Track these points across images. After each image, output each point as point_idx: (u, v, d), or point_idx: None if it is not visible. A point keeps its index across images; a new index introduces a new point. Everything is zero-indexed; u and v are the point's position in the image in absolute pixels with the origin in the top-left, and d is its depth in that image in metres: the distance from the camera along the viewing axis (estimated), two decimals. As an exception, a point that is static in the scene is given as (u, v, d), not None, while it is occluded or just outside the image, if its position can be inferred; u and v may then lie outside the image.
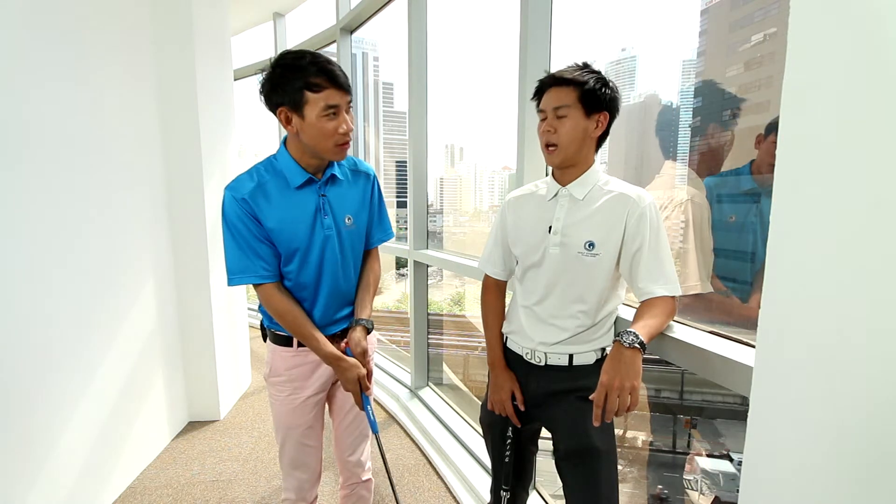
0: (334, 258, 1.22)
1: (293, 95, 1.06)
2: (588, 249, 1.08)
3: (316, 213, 1.18)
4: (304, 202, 1.17)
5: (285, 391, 1.28)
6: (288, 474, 1.35)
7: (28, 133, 1.56)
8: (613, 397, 0.90)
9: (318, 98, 1.05)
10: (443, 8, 2.68)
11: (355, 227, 1.27)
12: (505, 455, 1.22)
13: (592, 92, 1.04)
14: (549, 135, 1.08)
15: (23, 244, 1.54)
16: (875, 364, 0.54)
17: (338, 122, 1.09)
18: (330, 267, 1.22)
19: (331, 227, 1.20)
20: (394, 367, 3.29)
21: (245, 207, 1.12)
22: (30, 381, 1.56)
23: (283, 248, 1.17)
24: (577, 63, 1.09)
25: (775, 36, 1.33)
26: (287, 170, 1.17)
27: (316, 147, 1.11)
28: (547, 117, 1.09)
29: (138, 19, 2.23)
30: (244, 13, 4.23)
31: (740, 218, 1.46)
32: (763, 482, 0.67)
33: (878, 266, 0.53)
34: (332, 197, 1.21)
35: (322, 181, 1.20)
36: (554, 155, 1.10)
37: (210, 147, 2.59)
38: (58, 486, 1.68)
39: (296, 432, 1.30)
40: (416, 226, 2.70)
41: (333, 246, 1.22)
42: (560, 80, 1.07)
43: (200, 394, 2.68)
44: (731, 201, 1.49)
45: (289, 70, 1.05)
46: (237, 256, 1.14)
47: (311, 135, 1.09)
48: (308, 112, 1.06)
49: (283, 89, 1.06)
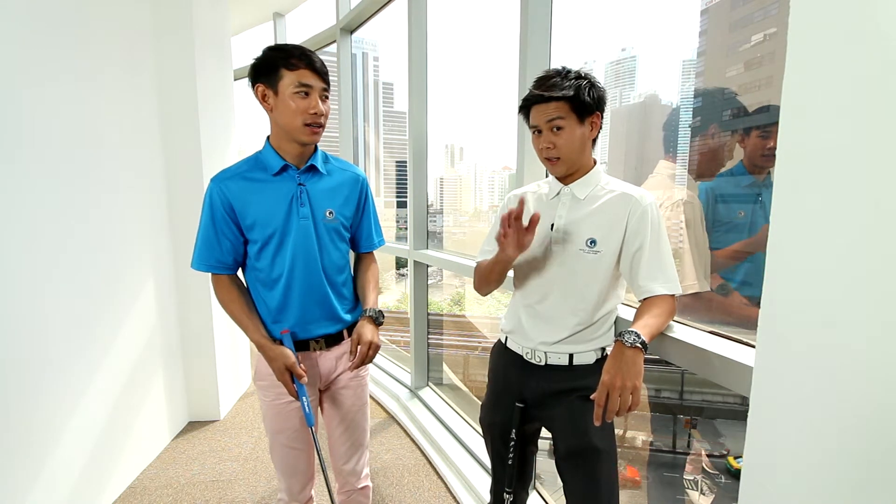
0: (310, 249, 1.22)
1: (271, 72, 1.12)
2: (589, 246, 1.08)
3: (292, 201, 1.20)
4: (280, 189, 1.20)
5: (270, 395, 1.27)
6: (281, 479, 1.34)
7: (28, 133, 1.56)
8: (615, 397, 0.90)
9: (293, 75, 1.11)
10: (443, 8, 2.68)
11: (336, 223, 1.27)
12: (508, 457, 1.22)
13: (581, 99, 1.04)
14: (550, 150, 1.09)
15: (22, 244, 1.54)
16: (875, 364, 0.54)
17: (309, 102, 1.13)
18: (303, 257, 1.22)
19: (307, 217, 1.21)
20: (394, 367, 3.29)
21: (221, 194, 1.17)
22: (30, 381, 1.56)
23: (260, 233, 1.18)
24: (556, 70, 1.08)
25: (775, 36, 1.33)
26: (267, 158, 1.21)
27: (287, 126, 1.15)
28: (542, 132, 1.09)
29: (138, 19, 2.23)
30: (244, 13, 4.23)
31: (748, 213, 1.48)
32: (763, 483, 0.67)
33: (879, 266, 0.53)
34: (312, 188, 1.23)
35: (301, 170, 1.22)
36: (558, 166, 1.11)
37: (210, 147, 2.59)
38: (58, 485, 1.68)
39: (282, 436, 1.29)
40: (416, 226, 2.70)
41: (309, 235, 1.22)
42: (548, 98, 1.05)
43: (200, 394, 2.67)
44: (735, 200, 1.50)
45: (273, 50, 1.13)
46: (202, 243, 1.21)
47: (282, 111, 1.14)
48: (282, 88, 1.12)
49: (264, 66, 1.13)
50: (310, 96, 1.13)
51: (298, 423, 1.29)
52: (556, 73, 1.08)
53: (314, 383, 1.31)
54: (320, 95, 1.15)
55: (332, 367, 1.32)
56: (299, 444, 1.31)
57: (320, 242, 1.24)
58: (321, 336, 1.28)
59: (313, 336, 1.27)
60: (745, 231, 1.48)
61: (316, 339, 1.27)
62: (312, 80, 1.13)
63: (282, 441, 1.29)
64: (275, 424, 1.29)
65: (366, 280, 1.37)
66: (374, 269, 1.41)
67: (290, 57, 1.10)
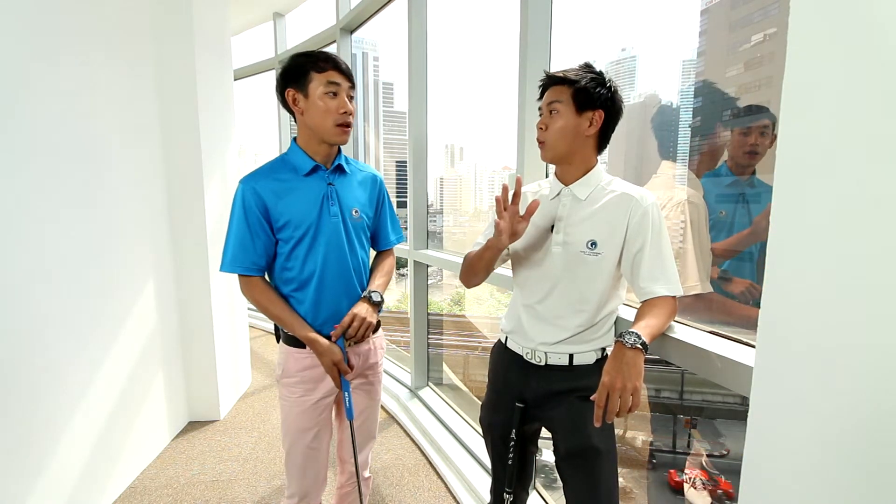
0: (340, 246, 1.26)
1: (300, 76, 1.18)
2: (590, 248, 1.08)
3: (323, 200, 1.24)
4: (312, 188, 1.24)
5: (297, 392, 1.29)
6: (294, 479, 1.34)
7: (28, 133, 1.56)
8: (615, 398, 0.90)
9: (322, 76, 1.17)
10: (443, 8, 2.68)
11: (361, 222, 1.31)
12: (508, 458, 1.22)
13: (585, 90, 1.05)
14: (541, 132, 1.11)
15: (22, 244, 1.54)
16: (875, 364, 0.54)
17: (338, 102, 1.19)
18: (335, 255, 1.25)
19: (337, 215, 1.25)
20: (394, 367, 3.29)
21: (254, 194, 1.20)
22: (30, 381, 1.56)
23: (293, 232, 1.21)
24: (581, 64, 1.10)
25: (775, 36, 1.33)
26: (296, 159, 1.25)
27: (318, 127, 1.20)
28: (542, 114, 1.12)
29: (138, 19, 2.23)
30: (244, 13, 4.23)
31: (730, 213, 1.50)
32: (763, 482, 0.67)
33: (879, 266, 0.53)
34: (340, 187, 1.28)
35: (330, 170, 1.27)
36: (543, 151, 1.13)
37: (210, 147, 2.60)
38: (58, 485, 1.68)
39: (306, 436, 1.31)
40: (416, 226, 2.70)
41: (339, 233, 1.26)
42: (556, 79, 1.09)
43: (200, 394, 2.68)
44: (718, 199, 1.52)
45: (300, 57, 1.19)
46: (236, 245, 1.21)
47: (313, 113, 1.19)
48: (312, 90, 1.17)
49: (293, 72, 1.19)
50: (338, 96, 1.19)
51: (322, 422, 1.32)
52: (582, 65, 1.10)
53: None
54: (347, 95, 1.21)
55: (358, 362, 1.35)
56: (320, 444, 1.34)
57: (349, 239, 1.28)
58: None
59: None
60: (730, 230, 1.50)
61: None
62: (340, 80, 1.19)
63: (305, 441, 1.31)
64: (300, 423, 1.30)
65: (377, 267, 1.41)
66: (389, 261, 1.45)
67: (318, 60, 1.17)
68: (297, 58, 1.19)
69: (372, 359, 1.39)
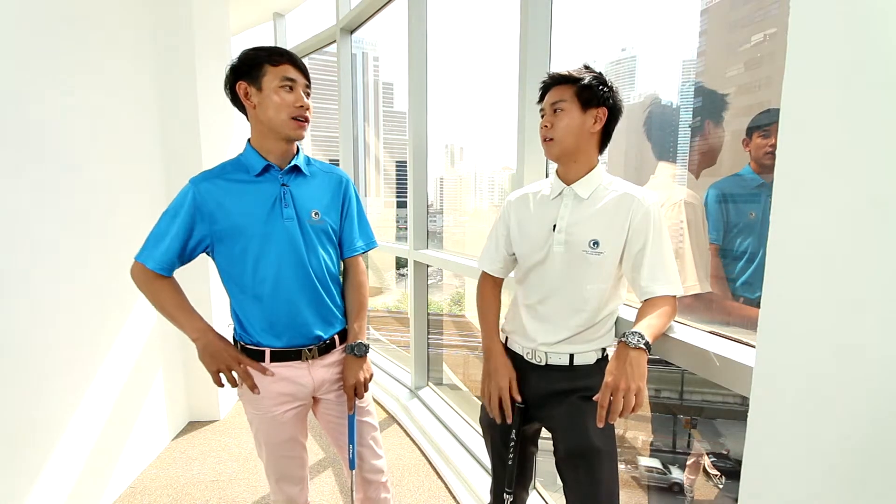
0: (297, 251, 1.18)
1: (252, 69, 1.12)
2: (592, 248, 1.08)
3: (275, 202, 1.17)
4: (262, 190, 1.18)
5: (262, 409, 1.23)
6: (276, 488, 1.31)
7: (28, 133, 1.56)
8: (618, 398, 0.90)
9: (277, 70, 1.12)
10: (443, 8, 2.68)
11: (323, 224, 1.24)
12: (508, 458, 1.22)
13: (588, 87, 1.06)
14: (547, 130, 1.11)
15: (23, 244, 1.54)
16: (875, 364, 0.54)
17: (295, 96, 1.14)
18: (291, 260, 1.18)
19: (292, 218, 1.18)
20: (394, 367, 3.29)
21: (198, 195, 1.15)
22: (30, 381, 1.56)
23: (239, 234, 1.15)
24: (580, 65, 1.12)
25: (775, 36, 1.33)
26: (248, 159, 1.19)
27: (272, 121, 1.14)
28: (546, 114, 1.12)
29: (138, 19, 2.23)
30: (244, 13, 4.23)
31: (759, 213, 1.48)
32: (763, 482, 0.67)
33: (879, 266, 0.53)
34: (295, 188, 1.21)
35: (284, 171, 1.20)
36: (551, 147, 1.12)
37: (210, 147, 2.59)
38: (58, 485, 1.68)
39: (278, 448, 1.26)
40: (416, 226, 2.70)
41: (295, 238, 1.18)
42: (559, 79, 1.10)
43: (200, 394, 2.67)
44: (745, 201, 1.50)
45: (252, 51, 1.14)
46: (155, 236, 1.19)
47: (266, 106, 1.13)
48: (266, 83, 1.12)
49: (245, 66, 1.13)
50: (294, 90, 1.14)
51: (292, 431, 1.27)
52: (581, 66, 1.11)
53: (305, 395, 1.27)
54: (304, 91, 1.17)
55: (322, 376, 1.28)
56: (295, 451, 1.30)
57: (307, 243, 1.20)
58: (314, 343, 1.24)
59: (309, 339, 1.23)
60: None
61: (308, 348, 1.23)
62: (296, 75, 1.14)
63: (278, 452, 1.27)
64: (269, 436, 1.25)
65: (350, 304, 1.32)
66: (359, 284, 1.33)
67: (272, 54, 1.13)
68: (249, 51, 1.13)
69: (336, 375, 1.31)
